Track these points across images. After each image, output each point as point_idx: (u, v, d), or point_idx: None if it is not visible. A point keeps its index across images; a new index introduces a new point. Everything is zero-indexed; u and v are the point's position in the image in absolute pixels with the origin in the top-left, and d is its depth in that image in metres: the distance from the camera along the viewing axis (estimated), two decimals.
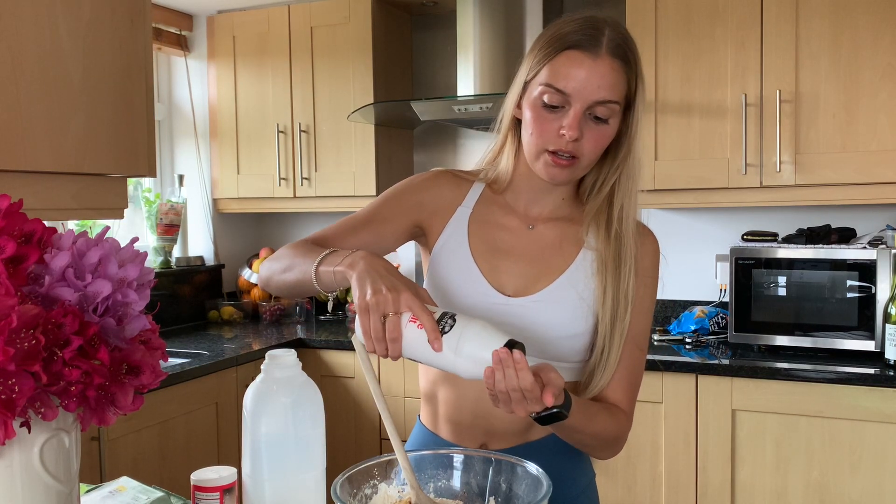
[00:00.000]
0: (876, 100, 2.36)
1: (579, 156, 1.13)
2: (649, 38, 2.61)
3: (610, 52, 1.12)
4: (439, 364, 0.99)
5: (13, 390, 0.76)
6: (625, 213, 1.19)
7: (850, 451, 2.21)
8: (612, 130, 1.14)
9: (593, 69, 1.10)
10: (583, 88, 1.10)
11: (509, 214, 1.25)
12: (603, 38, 1.12)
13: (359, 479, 1.02)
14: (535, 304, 1.17)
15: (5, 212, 0.83)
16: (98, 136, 1.38)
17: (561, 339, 1.17)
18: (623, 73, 1.12)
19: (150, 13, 1.47)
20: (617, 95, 1.12)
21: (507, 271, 1.21)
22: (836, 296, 2.38)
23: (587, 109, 1.11)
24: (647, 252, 1.24)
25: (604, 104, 1.11)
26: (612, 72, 1.11)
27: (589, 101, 1.10)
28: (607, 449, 1.18)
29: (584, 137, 1.12)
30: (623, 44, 1.13)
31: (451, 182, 1.28)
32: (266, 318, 3.37)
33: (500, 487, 1.04)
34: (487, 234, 1.23)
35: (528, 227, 1.24)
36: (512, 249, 1.22)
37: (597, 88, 1.10)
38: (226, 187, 3.35)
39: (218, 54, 3.32)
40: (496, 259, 1.21)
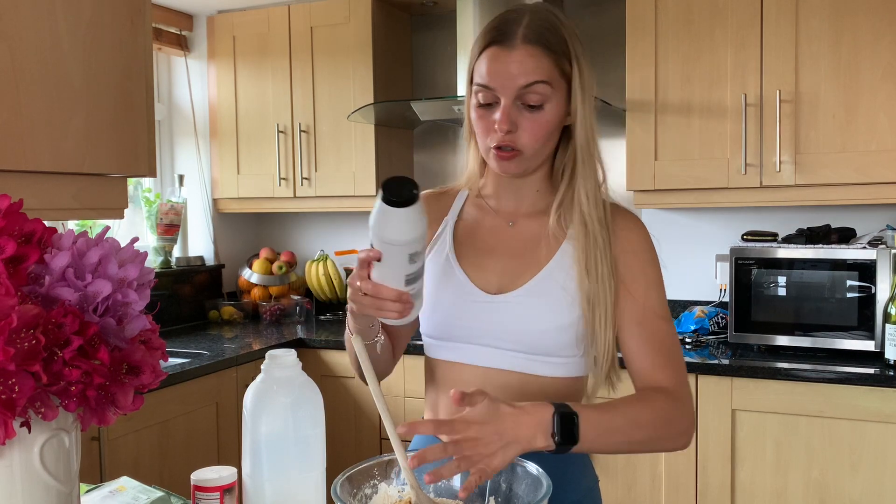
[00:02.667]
0: (876, 100, 2.36)
1: (520, 147, 1.15)
2: (649, 38, 2.61)
3: (525, 40, 1.13)
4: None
5: (13, 390, 0.76)
6: (586, 196, 1.18)
7: (850, 451, 2.21)
8: (551, 115, 1.15)
9: (510, 59, 1.13)
10: (504, 80, 1.13)
11: (490, 214, 1.27)
12: (518, 29, 1.14)
13: (359, 479, 1.02)
14: (518, 299, 1.18)
15: (5, 212, 0.83)
16: (98, 136, 1.38)
17: (547, 333, 1.17)
18: (544, 57, 1.13)
19: (150, 13, 1.47)
20: (541, 76, 1.13)
21: (490, 269, 1.22)
22: (835, 296, 2.38)
23: (516, 99, 1.13)
24: (633, 234, 1.23)
25: (529, 89, 1.13)
26: (529, 57, 1.13)
27: (513, 90, 1.13)
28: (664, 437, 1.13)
29: (520, 128, 1.14)
30: (540, 29, 1.14)
31: (434, 202, 1.31)
32: (266, 317, 3.37)
33: (500, 487, 1.04)
34: (471, 236, 1.26)
35: (508, 224, 1.26)
36: (494, 248, 1.24)
37: (516, 76, 1.12)
38: (226, 187, 3.35)
39: (218, 54, 3.32)
40: (480, 259, 1.23)
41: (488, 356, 1.19)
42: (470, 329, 1.20)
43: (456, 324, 1.21)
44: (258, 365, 1.18)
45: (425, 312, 1.24)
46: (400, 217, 0.98)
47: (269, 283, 3.46)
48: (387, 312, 1.05)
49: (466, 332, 1.20)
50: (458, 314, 1.21)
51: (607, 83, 2.99)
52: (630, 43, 2.65)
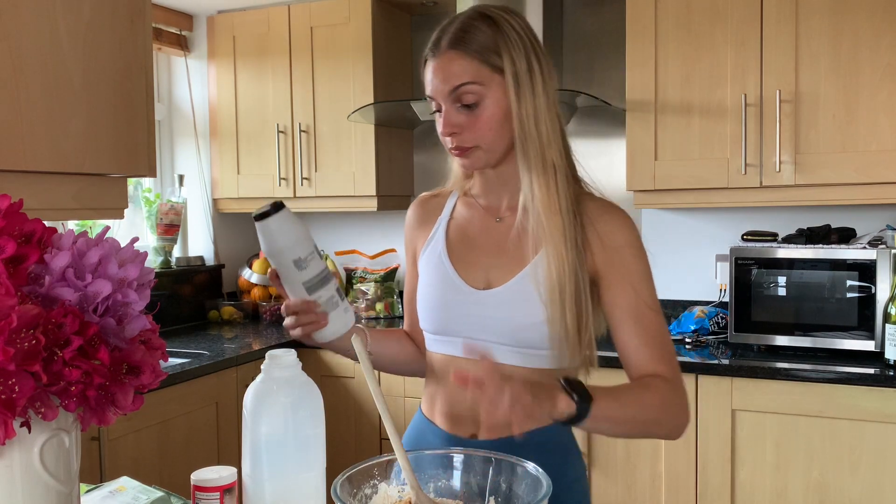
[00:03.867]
0: (876, 100, 2.36)
1: (469, 145, 1.20)
2: (649, 38, 2.61)
3: (448, 45, 1.19)
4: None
5: (13, 390, 0.76)
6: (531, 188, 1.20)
7: (850, 451, 2.21)
8: (491, 110, 1.19)
9: (437, 67, 1.20)
10: (436, 87, 1.20)
11: (479, 212, 1.31)
12: (444, 37, 1.20)
13: (359, 479, 1.02)
14: (504, 294, 1.22)
15: (5, 212, 0.83)
16: (98, 136, 1.38)
17: (533, 326, 1.19)
18: (465, 58, 1.18)
19: (150, 13, 1.47)
20: (468, 77, 1.17)
21: (481, 265, 1.26)
22: (835, 296, 2.38)
23: (454, 102, 1.19)
24: (618, 229, 1.23)
25: (460, 90, 1.18)
26: (450, 62, 1.18)
27: (444, 94, 1.19)
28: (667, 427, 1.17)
29: (465, 127, 1.19)
30: (462, 33, 1.19)
31: (428, 204, 1.39)
32: (266, 317, 3.37)
33: (500, 487, 1.04)
34: (462, 235, 1.31)
35: (496, 220, 1.29)
36: (483, 244, 1.28)
37: (444, 80, 1.18)
38: (226, 187, 3.35)
39: (218, 54, 3.32)
40: (469, 255, 1.28)
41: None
42: (460, 323, 1.25)
43: (447, 318, 1.26)
44: (258, 365, 1.18)
45: (423, 309, 1.30)
46: (268, 228, 1.06)
47: (269, 283, 3.45)
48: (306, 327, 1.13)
49: (457, 327, 1.25)
50: (448, 309, 1.26)
51: (607, 83, 2.99)
52: (630, 43, 2.64)
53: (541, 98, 1.19)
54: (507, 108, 1.19)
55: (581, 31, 3.05)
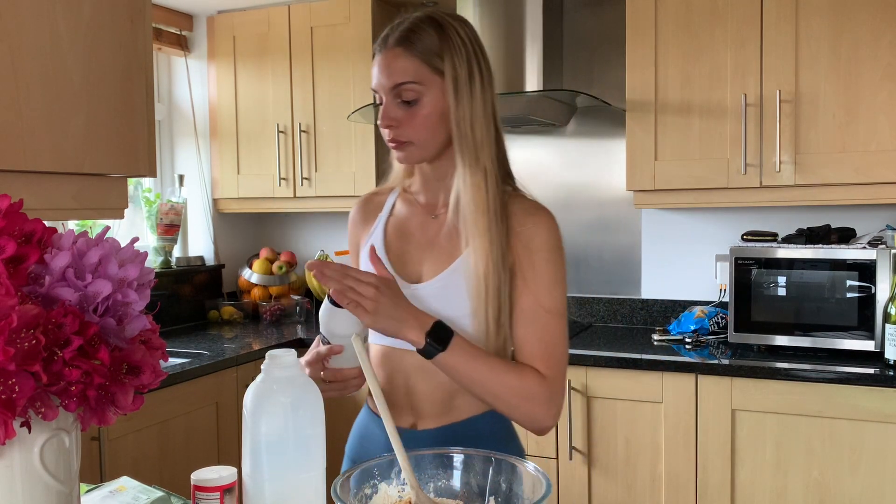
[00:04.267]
0: (876, 100, 2.36)
1: (405, 139, 1.26)
2: (649, 38, 2.61)
3: (395, 43, 1.25)
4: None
5: (13, 390, 0.76)
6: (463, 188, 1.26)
7: (850, 451, 2.22)
8: (428, 108, 1.25)
9: (382, 63, 1.26)
10: (380, 81, 1.26)
11: (418, 208, 1.37)
12: (392, 34, 1.26)
13: (359, 479, 1.02)
14: (433, 288, 1.27)
15: (5, 212, 0.83)
16: (98, 136, 1.38)
17: (460, 319, 1.25)
18: (410, 57, 1.24)
19: (150, 13, 1.47)
20: (409, 77, 1.24)
21: (414, 260, 1.32)
22: (835, 296, 2.38)
23: (394, 98, 1.25)
24: (537, 230, 1.28)
25: (401, 88, 1.24)
26: (395, 59, 1.25)
27: (386, 89, 1.25)
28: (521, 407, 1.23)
29: (402, 122, 1.26)
30: (409, 33, 1.25)
31: (370, 203, 1.44)
32: (266, 317, 3.37)
33: (500, 487, 1.04)
34: (399, 230, 1.36)
35: (431, 216, 1.35)
36: (418, 240, 1.34)
37: (387, 76, 1.25)
38: (226, 187, 3.35)
39: (218, 54, 3.32)
40: (405, 250, 1.34)
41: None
42: None
43: None
44: (258, 365, 1.19)
45: None
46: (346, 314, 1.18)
47: (269, 283, 3.46)
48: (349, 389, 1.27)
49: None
50: None
51: (607, 83, 2.99)
52: (630, 43, 2.65)
53: (478, 102, 1.26)
54: (445, 109, 1.25)
55: (581, 31, 3.05)
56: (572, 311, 3.09)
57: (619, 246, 3.06)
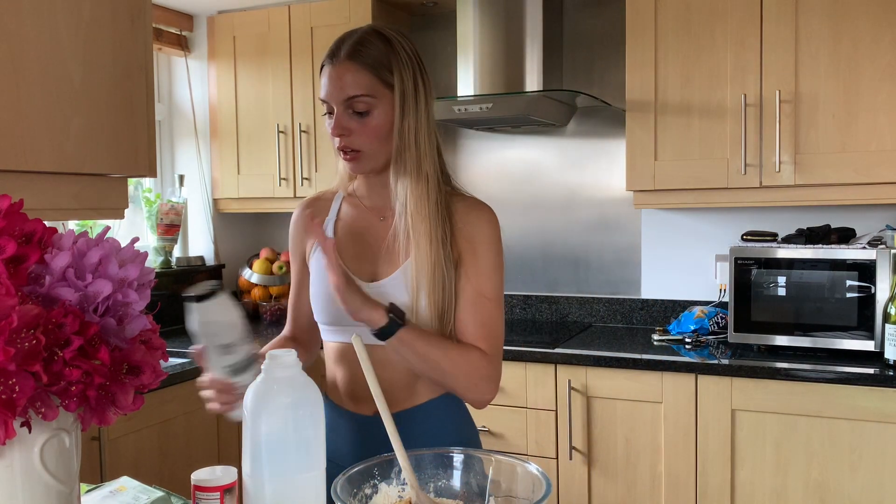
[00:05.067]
0: (876, 100, 2.36)
1: (357, 147, 1.33)
2: (649, 38, 2.62)
3: (346, 56, 1.31)
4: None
5: (13, 390, 0.76)
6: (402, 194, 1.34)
7: (849, 451, 2.22)
8: (379, 120, 1.32)
9: (334, 74, 1.32)
10: (331, 92, 1.32)
11: (364, 211, 1.44)
12: (343, 46, 1.32)
13: (359, 479, 1.02)
14: (390, 284, 1.35)
15: (6, 212, 0.83)
16: (98, 136, 1.38)
17: (417, 310, 1.33)
18: (363, 71, 1.30)
19: (150, 13, 1.47)
20: (362, 90, 1.30)
21: (367, 260, 1.39)
22: (835, 296, 2.38)
23: (345, 109, 1.31)
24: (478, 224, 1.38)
25: (353, 99, 1.30)
26: (348, 72, 1.31)
27: (338, 100, 1.31)
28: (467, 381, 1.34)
29: (354, 132, 1.32)
30: (360, 47, 1.31)
31: (313, 207, 1.49)
32: (266, 317, 3.37)
33: (500, 487, 1.04)
34: (349, 233, 1.42)
35: (380, 219, 1.41)
36: (369, 241, 1.40)
37: (340, 89, 1.31)
38: (226, 187, 3.35)
39: (218, 54, 3.32)
40: (358, 251, 1.40)
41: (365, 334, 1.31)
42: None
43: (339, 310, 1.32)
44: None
45: (317, 303, 1.42)
46: (205, 310, 1.13)
47: (270, 283, 3.46)
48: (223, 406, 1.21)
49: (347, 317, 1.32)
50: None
51: (607, 83, 2.99)
52: (630, 43, 2.65)
53: (423, 114, 1.34)
54: (393, 120, 1.33)
55: (581, 31, 3.05)
56: (573, 311, 3.09)
57: (619, 246, 3.06)
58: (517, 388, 2.56)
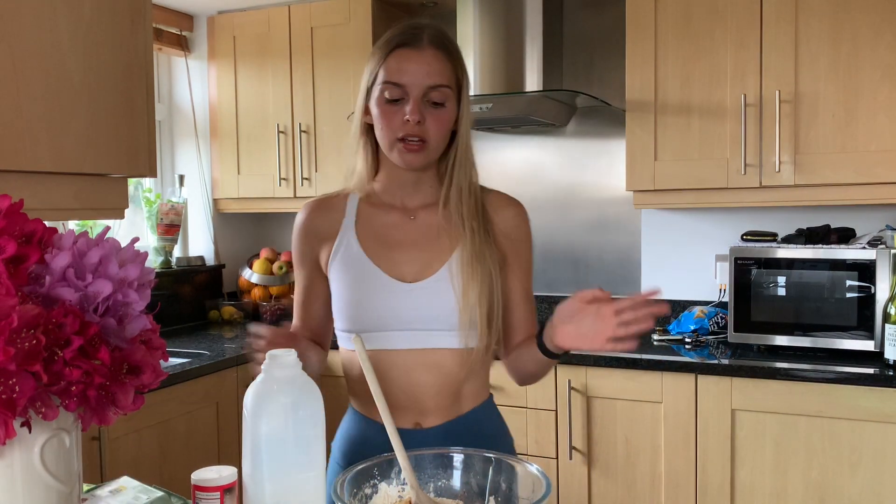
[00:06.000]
0: (876, 100, 2.36)
1: (427, 138, 1.28)
2: (649, 38, 2.62)
3: (431, 43, 1.28)
4: None
5: (14, 390, 0.76)
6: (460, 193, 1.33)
7: (849, 450, 2.22)
8: (451, 114, 1.30)
9: (420, 60, 1.27)
10: (414, 77, 1.27)
11: (390, 211, 1.38)
12: (423, 34, 1.28)
13: (359, 479, 1.02)
14: (436, 283, 1.31)
15: (6, 212, 0.83)
16: (98, 136, 1.38)
17: (453, 314, 1.30)
18: (447, 61, 1.29)
19: (150, 13, 1.47)
20: (446, 80, 1.28)
21: (402, 261, 1.33)
22: (835, 296, 2.38)
23: (424, 96, 1.27)
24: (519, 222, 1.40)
25: (436, 88, 1.27)
26: (436, 60, 1.27)
27: (422, 87, 1.26)
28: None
29: (427, 121, 1.27)
30: (442, 37, 1.30)
31: (323, 208, 1.41)
32: (266, 317, 3.37)
33: (500, 487, 1.04)
34: (376, 234, 1.36)
35: (409, 218, 1.37)
36: (402, 241, 1.35)
37: (426, 75, 1.26)
38: (226, 187, 3.35)
39: (218, 54, 3.32)
40: (390, 253, 1.34)
41: (413, 339, 1.31)
42: (393, 317, 1.31)
43: (379, 315, 1.31)
44: None
45: (345, 309, 1.34)
46: None
47: (270, 283, 3.46)
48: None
49: (390, 321, 1.31)
50: (379, 306, 1.31)
51: (607, 83, 2.99)
52: (630, 43, 2.65)
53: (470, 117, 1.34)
54: (456, 116, 1.31)
55: (581, 31, 3.05)
56: None
57: (619, 246, 3.06)
58: (517, 387, 2.56)
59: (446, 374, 1.32)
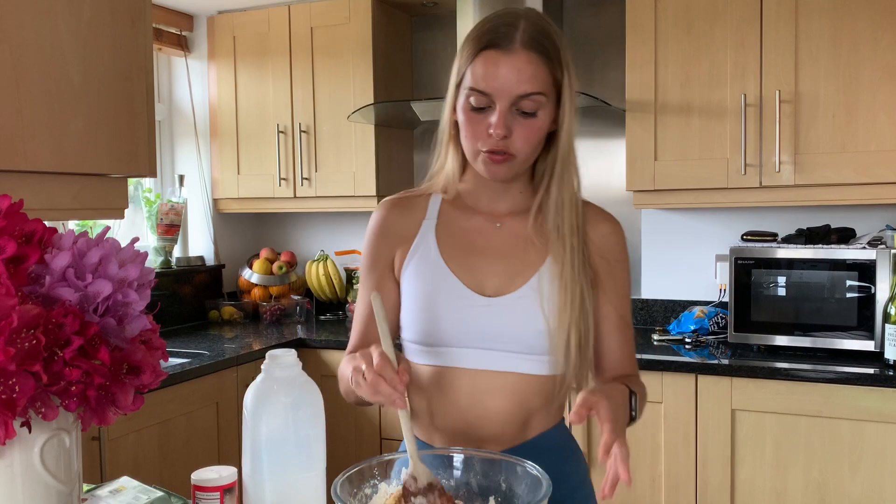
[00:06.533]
0: (876, 100, 2.36)
1: (513, 151, 1.15)
2: (649, 38, 2.61)
3: (525, 45, 1.12)
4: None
5: (14, 390, 0.76)
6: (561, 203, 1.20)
7: (849, 451, 2.22)
8: (543, 122, 1.16)
9: (510, 65, 1.11)
10: (502, 86, 1.12)
11: (474, 216, 1.26)
12: (516, 33, 1.12)
13: (359, 479, 1.02)
14: (518, 300, 1.18)
15: (6, 212, 0.83)
16: (98, 136, 1.38)
17: (543, 333, 1.17)
18: (542, 65, 1.13)
19: (150, 13, 1.48)
20: (539, 87, 1.13)
21: (483, 272, 1.21)
22: (835, 296, 2.38)
23: (511, 105, 1.13)
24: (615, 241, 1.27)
25: (527, 97, 1.12)
26: (528, 65, 1.12)
27: (510, 97, 1.12)
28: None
29: (514, 133, 1.14)
30: (539, 35, 1.13)
31: (403, 207, 1.30)
32: (266, 317, 3.37)
33: (500, 487, 1.04)
34: (457, 239, 1.24)
35: (495, 225, 1.24)
36: (484, 250, 1.23)
37: (516, 83, 1.12)
38: (226, 187, 3.35)
39: (218, 54, 3.32)
40: (470, 261, 1.22)
41: (486, 359, 1.18)
42: (467, 333, 1.18)
43: (451, 328, 1.19)
44: (258, 365, 1.18)
45: (418, 319, 1.22)
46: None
47: (270, 283, 3.46)
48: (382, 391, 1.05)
49: (462, 337, 1.19)
50: (453, 318, 1.19)
51: (607, 83, 2.99)
52: (630, 43, 2.65)
53: (575, 116, 1.20)
54: (551, 122, 1.18)
55: (581, 31, 3.05)
56: None
57: None
58: None
59: (518, 401, 1.19)
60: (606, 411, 1.03)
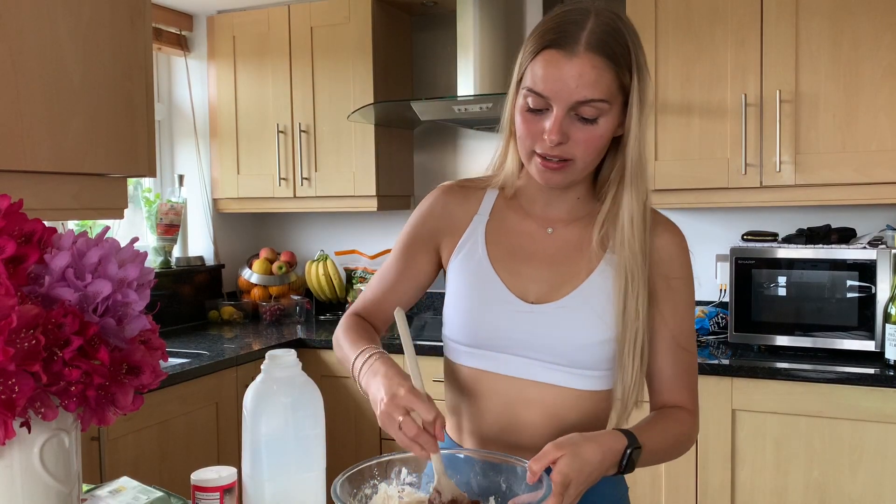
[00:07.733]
0: (876, 100, 2.36)
1: (571, 158, 1.08)
2: (649, 38, 2.61)
3: (589, 48, 1.04)
4: None
5: (13, 390, 0.76)
6: (631, 216, 1.12)
7: (850, 451, 2.21)
8: (604, 130, 1.07)
9: (570, 69, 1.03)
10: (560, 90, 1.04)
11: (527, 218, 1.20)
12: (582, 34, 1.04)
13: (359, 479, 1.02)
14: (559, 310, 1.13)
15: (5, 212, 0.83)
16: (98, 136, 1.38)
17: (588, 346, 1.12)
18: (607, 69, 1.04)
19: (150, 13, 1.47)
20: (601, 93, 1.04)
21: (529, 277, 1.16)
22: (835, 296, 2.38)
23: (570, 110, 1.05)
24: (677, 253, 1.18)
25: (586, 104, 1.04)
26: (591, 69, 1.03)
27: (569, 102, 1.05)
28: (682, 451, 1.17)
29: (572, 139, 1.06)
30: (608, 36, 1.05)
31: (460, 195, 1.25)
32: (266, 318, 3.37)
33: (500, 487, 1.04)
34: (506, 240, 1.19)
35: (547, 230, 1.19)
36: (533, 254, 1.18)
37: (575, 89, 1.04)
38: (226, 187, 3.35)
39: (218, 54, 3.32)
40: (517, 265, 1.17)
41: (523, 367, 1.14)
42: (506, 339, 1.15)
43: (490, 332, 1.15)
44: (258, 365, 1.18)
45: (459, 319, 1.19)
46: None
47: (269, 283, 3.46)
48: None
49: (501, 342, 1.15)
50: (493, 322, 1.15)
51: None
52: None
53: (647, 122, 1.12)
54: (615, 128, 1.10)
55: None
56: None
57: None
58: None
59: (551, 415, 1.14)
60: (560, 475, 0.96)
